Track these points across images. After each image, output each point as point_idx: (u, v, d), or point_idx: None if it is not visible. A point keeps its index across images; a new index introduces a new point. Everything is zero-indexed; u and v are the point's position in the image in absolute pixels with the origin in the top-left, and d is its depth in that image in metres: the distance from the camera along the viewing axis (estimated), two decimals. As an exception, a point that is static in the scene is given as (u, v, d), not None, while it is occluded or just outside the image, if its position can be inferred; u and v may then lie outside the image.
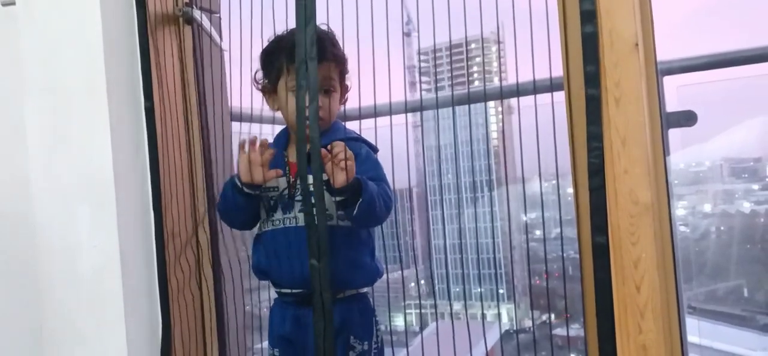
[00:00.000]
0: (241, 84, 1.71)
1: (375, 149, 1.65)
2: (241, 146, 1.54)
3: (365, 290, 1.62)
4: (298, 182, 1.52)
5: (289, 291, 1.58)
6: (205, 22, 1.98)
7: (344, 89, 1.65)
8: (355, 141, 1.60)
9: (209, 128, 1.90)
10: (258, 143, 1.52)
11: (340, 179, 1.41)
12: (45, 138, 1.83)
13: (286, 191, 1.57)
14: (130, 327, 1.72)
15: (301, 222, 1.52)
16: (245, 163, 1.52)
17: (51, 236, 1.83)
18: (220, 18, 1.96)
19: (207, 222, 1.89)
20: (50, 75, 1.83)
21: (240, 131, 2.01)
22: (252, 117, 2.11)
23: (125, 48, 1.81)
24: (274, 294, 1.66)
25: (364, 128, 1.78)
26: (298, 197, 1.54)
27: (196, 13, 1.93)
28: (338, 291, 1.53)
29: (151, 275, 1.79)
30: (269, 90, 1.63)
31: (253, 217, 1.63)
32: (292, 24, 1.51)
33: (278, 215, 1.57)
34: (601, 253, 1.35)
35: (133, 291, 1.75)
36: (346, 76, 1.65)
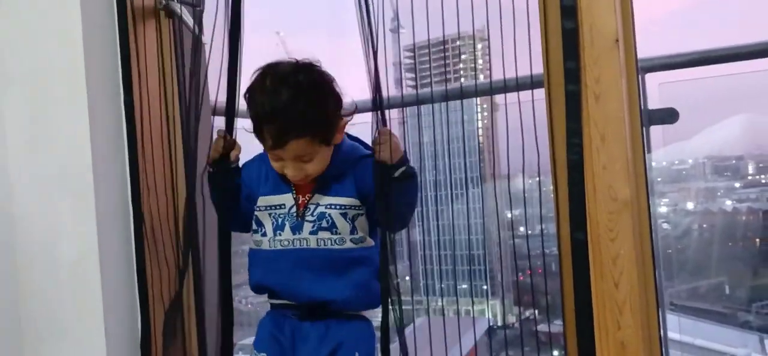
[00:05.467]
0: (221, 78, 1.69)
1: None
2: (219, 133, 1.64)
3: (367, 314, 1.64)
4: (309, 202, 1.54)
5: (290, 302, 1.59)
6: (186, 16, 1.96)
7: (340, 126, 1.55)
8: (368, 158, 1.57)
9: (189, 123, 1.89)
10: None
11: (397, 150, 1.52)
12: (24, 130, 1.81)
13: (294, 210, 1.56)
14: (109, 318, 1.71)
15: (313, 244, 1.53)
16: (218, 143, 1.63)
17: (30, 228, 1.81)
18: (201, 11, 1.94)
19: (187, 215, 1.88)
20: (29, 67, 1.80)
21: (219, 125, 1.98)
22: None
23: (105, 41, 1.78)
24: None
25: (350, 124, 1.74)
26: (309, 218, 1.54)
27: (177, 7, 1.91)
28: (345, 312, 1.58)
29: (131, 267, 1.77)
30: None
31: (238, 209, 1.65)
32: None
33: (286, 234, 1.55)
34: (579, 249, 1.36)
35: (112, 283, 1.73)
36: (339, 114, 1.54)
